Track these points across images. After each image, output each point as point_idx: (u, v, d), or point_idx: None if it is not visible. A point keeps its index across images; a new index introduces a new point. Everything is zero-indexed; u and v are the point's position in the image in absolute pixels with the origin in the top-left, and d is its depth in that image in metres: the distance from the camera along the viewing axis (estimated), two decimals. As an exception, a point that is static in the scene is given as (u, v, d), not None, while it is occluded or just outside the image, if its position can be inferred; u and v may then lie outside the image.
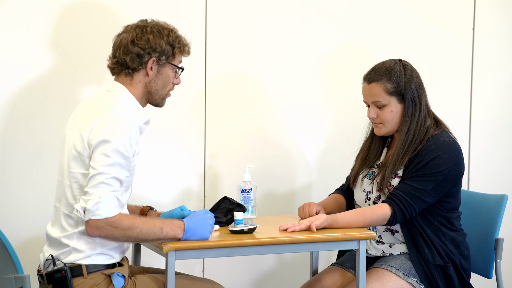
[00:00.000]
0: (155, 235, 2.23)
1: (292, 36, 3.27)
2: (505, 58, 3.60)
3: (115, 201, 2.19)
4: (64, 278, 2.23)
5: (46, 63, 2.90)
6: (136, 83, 2.36)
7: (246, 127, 3.24)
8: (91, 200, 2.16)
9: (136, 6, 3.00)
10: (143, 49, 2.33)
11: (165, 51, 2.35)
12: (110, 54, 2.39)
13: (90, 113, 2.27)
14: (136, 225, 2.20)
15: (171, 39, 2.36)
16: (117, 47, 2.36)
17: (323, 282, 2.72)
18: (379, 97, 2.63)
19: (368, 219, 2.53)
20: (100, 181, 2.17)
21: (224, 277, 3.14)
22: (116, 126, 2.21)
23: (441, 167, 2.56)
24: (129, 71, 2.35)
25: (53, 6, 2.89)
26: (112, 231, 2.18)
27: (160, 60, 2.35)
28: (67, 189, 2.27)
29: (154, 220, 2.25)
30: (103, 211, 2.16)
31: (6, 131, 2.86)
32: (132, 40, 2.34)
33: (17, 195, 2.89)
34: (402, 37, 3.43)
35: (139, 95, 2.37)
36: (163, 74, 2.38)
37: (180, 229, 2.26)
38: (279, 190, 3.29)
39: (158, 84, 2.38)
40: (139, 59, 2.33)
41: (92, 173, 2.19)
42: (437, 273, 2.57)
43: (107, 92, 2.36)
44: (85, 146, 2.23)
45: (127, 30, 2.37)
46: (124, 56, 2.34)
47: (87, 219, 2.17)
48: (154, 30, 2.35)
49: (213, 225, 2.34)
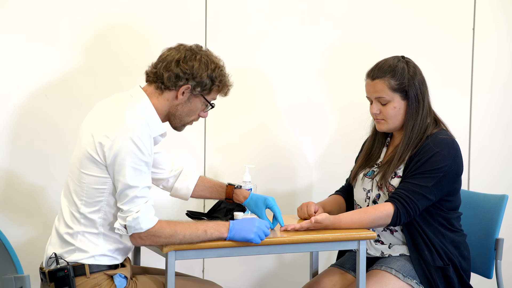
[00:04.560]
0: (199, 238, 2.26)
1: (293, 34, 3.27)
2: (505, 58, 3.60)
3: (152, 211, 2.23)
4: (67, 277, 2.23)
5: (47, 63, 2.90)
6: (164, 99, 2.35)
7: (246, 127, 3.24)
8: (129, 217, 2.20)
9: (136, 6, 3.00)
10: (184, 73, 2.31)
11: (204, 83, 2.33)
12: (153, 62, 2.38)
13: (107, 117, 2.26)
14: (179, 232, 2.23)
15: (215, 75, 2.35)
16: (162, 60, 2.35)
17: (323, 284, 2.72)
18: (383, 93, 2.63)
19: (372, 216, 2.53)
20: (132, 196, 2.20)
21: (224, 277, 3.14)
22: (134, 136, 2.20)
23: (440, 163, 2.57)
24: (162, 85, 2.33)
25: (53, 6, 2.89)
26: (155, 240, 2.23)
27: (194, 89, 2.34)
28: (75, 187, 2.27)
29: (197, 224, 2.28)
30: (144, 224, 2.20)
31: (8, 131, 2.86)
32: (178, 60, 2.32)
33: (18, 195, 2.89)
34: (403, 36, 3.43)
35: (161, 111, 2.35)
36: (192, 103, 2.37)
37: (225, 228, 2.29)
38: (279, 190, 3.29)
39: (184, 111, 2.37)
40: (175, 80, 2.32)
41: (121, 187, 2.20)
42: (437, 275, 2.57)
43: (130, 96, 2.34)
44: (97, 151, 2.22)
45: (179, 49, 2.36)
46: (163, 71, 2.32)
47: (130, 234, 2.22)
48: (202, 60, 2.33)
49: (263, 229, 2.32)
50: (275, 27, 3.24)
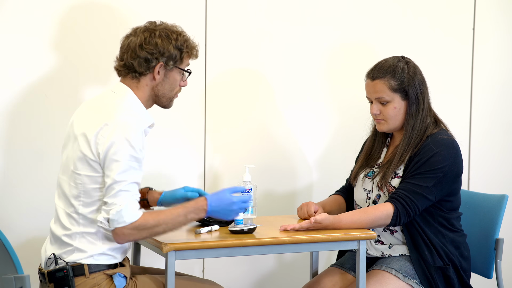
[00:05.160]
0: (180, 224, 2.26)
1: (293, 34, 3.26)
2: (505, 58, 3.60)
3: (136, 205, 2.21)
4: (66, 277, 2.23)
5: (47, 63, 2.90)
6: (143, 86, 2.35)
7: (246, 127, 3.24)
8: (113, 210, 2.18)
9: (136, 6, 3.00)
10: (151, 54, 2.31)
11: (173, 55, 2.34)
12: (117, 56, 2.38)
13: (96, 115, 2.26)
14: (162, 221, 2.21)
15: (180, 43, 2.34)
16: (125, 50, 2.34)
17: (323, 284, 2.72)
18: (383, 93, 2.63)
19: (371, 216, 2.53)
20: (118, 189, 2.18)
21: (224, 277, 3.14)
22: (125, 131, 2.21)
23: (440, 163, 2.57)
24: (136, 74, 2.34)
25: (54, 7, 2.88)
26: (140, 234, 2.20)
27: (167, 64, 2.34)
28: (70, 188, 2.27)
29: (178, 209, 2.26)
30: (127, 217, 2.17)
31: (7, 131, 2.86)
32: (140, 44, 2.32)
33: (18, 195, 2.89)
34: (403, 36, 3.43)
35: (145, 98, 2.36)
36: (170, 78, 2.37)
37: (203, 213, 2.28)
38: (279, 190, 3.29)
39: (165, 88, 2.38)
40: (146, 64, 2.32)
41: (109, 182, 2.19)
42: (437, 275, 2.57)
43: (113, 93, 2.35)
44: (91, 150, 2.22)
45: (136, 33, 2.35)
46: (131, 60, 2.32)
47: (112, 228, 2.19)
48: (162, 34, 2.33)
49: (240, 206, 2.32)
50: (275, 27, 3.24)
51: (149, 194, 2.57)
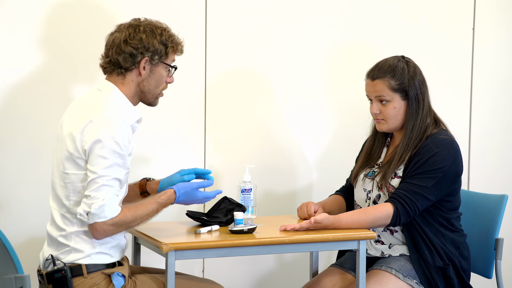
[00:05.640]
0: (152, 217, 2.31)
1: (293, 34, 3.27)
2: (505, 58, 3.60)
3: (117, 201, 2.22)
4: (64, 278, 2.23)
5: (46, 62, 2.90)
6: (129, 82, 2.36)
7: (246, 127, 3.24)
8: (94, 204, 2.17)
9: (136, 6, 3.00)
10: (136, 49, 2.33)
11: (158, 50, 2.35)
12: (103, 53, 2.39)
13: (81, 113, 2.27)
14: (138, 216, 2.25)
15: (164, 38, 2.36)
16: (110, 46, 2.36)
17: (323, 284, 2.72)
18: (383, 93, 2.64)
19: (371, 216, 2.53)
20: (101, 184, 2.18)
21: (224, 277, 3.14)
22: (110, 127, 2.21)
23: (440, 163, 2.57)
24: (121, 70, 2.35)
25: (52, 6, 2.88)
26: (118, 229, 2.23)
27: (153, 59, 2.35)
28: (61, 189, 2.28)
29: (149, 202, 2.29)
30: (108, 212, 2.18)
31: (6, 130, 2.86)
32: (125, 39, 2.33)
33: (17, 195, 2.89)
34: (403, 36, 3.43)
35: (131, 94, 2.37)
36: (156, 74, 2.38)
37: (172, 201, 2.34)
38: (279, 190, 3.29)
39: (151, 84, 2.38)
40: (131, 59, 2.33)
41: (92, 176, 2.19)
42: (437, 275, 2.57)
43: (98, 91, 2.36)
44: (77, 147, 2.23)
45: (120, 29, 2.37)
46: (116, 55, 2.34)
47: (91, 222, 2.19)
48: (147, 30, 2.35)
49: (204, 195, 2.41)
50: (275, 27, 3.24)
51: (147, 185, 2.58)
